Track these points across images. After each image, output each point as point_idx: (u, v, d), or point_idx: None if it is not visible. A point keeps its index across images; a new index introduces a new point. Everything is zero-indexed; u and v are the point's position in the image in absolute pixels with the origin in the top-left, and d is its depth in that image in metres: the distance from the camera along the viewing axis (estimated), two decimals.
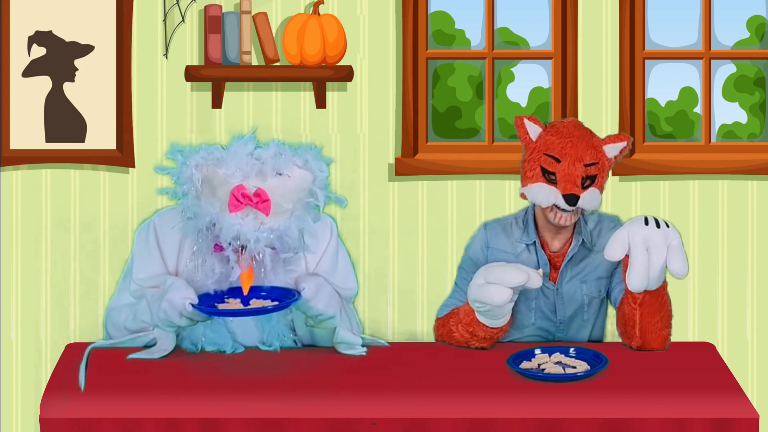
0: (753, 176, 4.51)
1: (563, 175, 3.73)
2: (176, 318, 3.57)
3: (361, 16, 4.47)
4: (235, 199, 3.54)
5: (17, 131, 4.45)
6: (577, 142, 3.75)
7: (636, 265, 3.60)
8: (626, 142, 3.80)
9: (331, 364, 3.62)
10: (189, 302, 3.55)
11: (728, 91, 4.63)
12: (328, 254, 3.84)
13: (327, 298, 3.63)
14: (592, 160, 3.74)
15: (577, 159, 3.73)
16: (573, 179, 3.72)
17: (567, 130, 3.78)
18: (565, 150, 3.74)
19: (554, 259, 3.84)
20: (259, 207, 3.55)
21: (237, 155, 3.58)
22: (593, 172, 3.74)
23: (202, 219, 3.58)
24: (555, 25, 4.53)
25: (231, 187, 3.53)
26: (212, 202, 3.56)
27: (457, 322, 3.74)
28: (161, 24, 4.44)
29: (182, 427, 3.28)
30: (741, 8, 4.58)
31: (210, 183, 3.56)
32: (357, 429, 3.29)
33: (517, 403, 3.34)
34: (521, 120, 3.81)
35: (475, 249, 3.90)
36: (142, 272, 3.77)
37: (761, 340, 4.55)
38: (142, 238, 3.82)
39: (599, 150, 3.77)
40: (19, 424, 4.52)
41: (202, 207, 3.57)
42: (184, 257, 3.77)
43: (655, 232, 3.60)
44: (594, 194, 3.75)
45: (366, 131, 4.50)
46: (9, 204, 4.49)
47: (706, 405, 3.33)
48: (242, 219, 3.54)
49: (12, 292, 4.51)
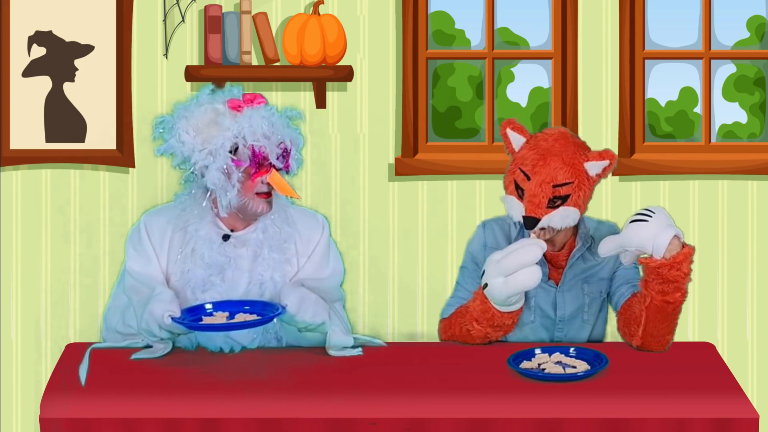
0: (753, 176, 4.51)
1: (529, 195, 3.65)
2: (156, 330, 3.58)
3: (361, 16, 4.47)
4: (232, 106, 3.71)
5: (17, 131, 4.45)
6: (551, 160, 3.65)
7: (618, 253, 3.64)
8: (609, 161, 3.67)
9: (331, 364, 3.62)
10: (168, 315, 3.55)
11: (728, 91, 4.63)
12: (318, 251, 3.85)
13: (312, 307, 3.64)
14: (565, 179, 3.65)
15: (546, 179, 3.64)
16: (537, 200, 3.64)
17: (546, 145, 3.68)
18: (536, 168, 3.65)
19: (555, 259, 3.83)
20: (256, 100, 3.75)
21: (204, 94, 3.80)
22: (565, 192, 3.65)
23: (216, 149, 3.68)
24: (555, 25, 4.53)
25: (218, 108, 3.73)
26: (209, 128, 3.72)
27: (471, 320, 3.72)
28: (161, 24, 4.44)
29: (182, 427, 3.28)
30: (741, 8, 4.58)
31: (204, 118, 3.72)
32: (357, 429, 3.29)
33: (517, 403, 3.34)
34: (504, 130, 3.75)
35: (474, 248, 3.90)
36: (137, 264, 3.78)
37: (761, 340, 4.55)
38: (134, 238, 3.84)
39: (577, 167, 3.66)
40: (19, 424, 4.52)
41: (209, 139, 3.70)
42: (174, 251, 3.78)
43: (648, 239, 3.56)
44: (565, 213, 3.66)
45: (366, 131, 4.50)
46: (9, 204, 4.49)
47: (706, 405, 3.33)
48: (250, 112, 3.71)
49: (12, 292, 4.51)
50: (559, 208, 3.65)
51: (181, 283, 3.74)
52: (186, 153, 3.70)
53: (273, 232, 3.79)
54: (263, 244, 3.77)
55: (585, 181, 3.68)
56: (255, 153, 3.67)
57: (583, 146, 3.73)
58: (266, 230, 3.79)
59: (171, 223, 3.80)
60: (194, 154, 3.70)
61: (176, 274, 3.76)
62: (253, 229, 3.79)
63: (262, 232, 3.78)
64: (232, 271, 3.76)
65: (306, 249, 3.84)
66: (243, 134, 3.67)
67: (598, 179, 3.70)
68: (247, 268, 3.77)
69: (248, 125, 3.67)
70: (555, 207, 3.65)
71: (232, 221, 3.78)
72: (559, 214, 3.66)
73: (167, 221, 3.80)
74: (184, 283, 3.74)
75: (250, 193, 3.71)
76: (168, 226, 3.80)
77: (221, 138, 3.67)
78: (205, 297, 3.72)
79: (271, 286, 3.76)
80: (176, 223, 3.79)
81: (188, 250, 3.75)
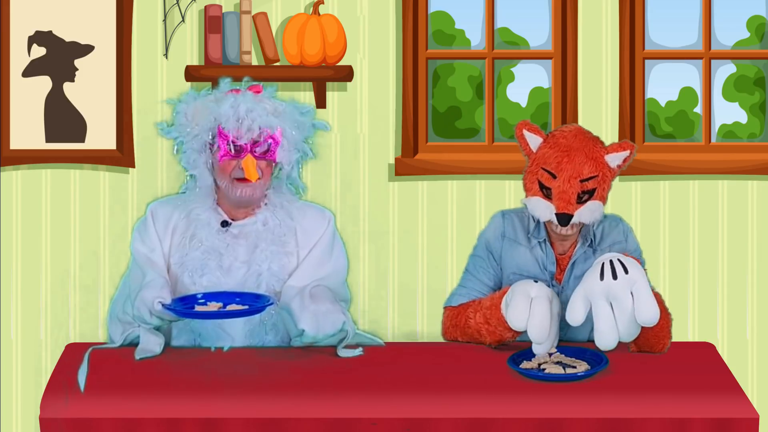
0: (753, 176, 4.51)
1: (558, 192, 3.66)
2: (147, 316, 3.59)
3: (361, 16, 4.47)
4: (231, 91, 3.73)
5: (17, 131, 4.45)
6: (575, 155, 3.66)
7: (601, 325, 3.50)
8: (629, 151, 3.70)
9: (331, 364, 3.62)
10: (159, 301, 3.56)
11: (728, 91, 4.63)
12: (321, 245, 3.84)
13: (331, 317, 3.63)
14: (590, 173, 3.66)
15: (573, 175, 3.65)
16: (567, 197, 3.65)
17: (566, 142, 3.69)
18: (561, 165, 3.66)
19: (560, 260, 3.83)
20: (253, 89, 3.76)
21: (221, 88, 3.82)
22: (591, 186, 3.67)
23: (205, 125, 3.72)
24: (555, 25, 4.53)
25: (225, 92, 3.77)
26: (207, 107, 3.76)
27: (477, 309, 3.71)
28: (161, 24, 4.44)
29: (182, 427, 3.28)
30: (741, 8, 4.58)
31: (205, 106, 3.75)
32: (357, 429, 3.28)
33: (517, 403, 3.34)
34: (521, 131, 3.74)
35: (490, 236, 3.85)
36: (143, 247, 3.79)
37: (761, 340, 4.55)
38: (141, 226, 3.86)
39: (599, 161, 3.68)
40: (19, 424, 4.52)
41: (203, 116, 3.73)
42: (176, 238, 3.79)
43: (613, 284, 3.49)
44: (593, 207, 3.67)
45: (366, 131, 4.50)
46: (9, 204, 4.49)
47: (706, 405, 3.33)
48: (240, 95, 3.72)
49: (12, 292, 4.51)
50: (586, 203, 3.66)
51: (179, 267, 3.75)
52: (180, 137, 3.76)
53: (273, 224, 3.80)
54: (262, 235, 3.78)
55: (607, 173, 3.70)
56: (221, 134, 3.70)
57: (599, 140, 3.75)
58: (266, 222, 3.79)
59: (177, 208, 3.82)
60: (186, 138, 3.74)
61: (175, 257, 3.78)
62: (253, 221, 3.79)
63: (262, 224, 3.79)
64: (230, 259, 3.76)
65: (308, 241, 3.83)
66: (218, 118, 3.70)
67: (618, 170, 3.73)
68: (244, 258, 3.77)
69: (225, 109, 3.71)
70: (583, 202, 3.66)
71: (230, 209, 3.79)
72: (588, 209, 3.67)
73: (173, 207, 3.83)
74: (182, 266, 3.75)
75: (227, 176, 3.72)
76: (174, 212, 3.82)
77: (205, 122, 3.71)
78: (202, 281, 3.73)
79: (268, 277, 3.76)
80: (181, 208, 3.81)
81: (188, 235, 3.76)
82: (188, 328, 3.77)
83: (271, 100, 3.77)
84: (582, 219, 3.67)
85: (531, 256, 3.81)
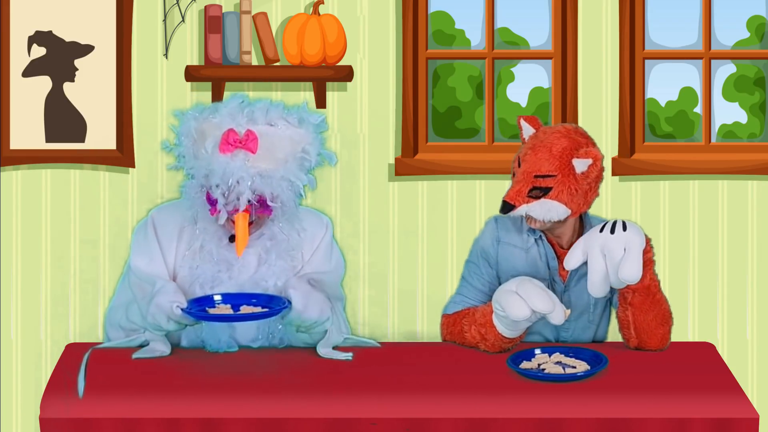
0: (753, 176, 4.51)
1: (513, 181, 3.73)
2: (164, 322, 3.57)
3: (361, 16, 4.47)
4: (225, 141, 3.65)
5: (17, 131, 4.45)
6: (540, 151, 3.70)
7: (592, 272, 3.62)
8: (592, 159, 3.67)
9: (331, 365, 3.62)
10: (177, 306, 3.54)
11: (728, 91, 4.63)
12: (321, 249, 3.85)
13: (319, 305, 3.63)
14: (548, 172, 3.68)
15: (530, 169, 3.69)
16: (518, 187, 3.70)
17: (543, 137, 3.73)
18: (526, 156, 3.72)
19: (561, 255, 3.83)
20: (248, 146, 3.65)
21: (230, 105, 3.73)
22: (545, 184, 3.67)
23: (199, 172, 3.67)
24: (555, 25, 4.53)
25: (222, 131, 3.66)
26: (206, 148, 3.68)
27: (471, 322, 3.73)
28: (161, 24, 4.44)
29: (182, 427, 3.28)
30: (741, 8, 4.58)
31: (205, 133, 3.68)
32: (357, 429, 3.29)
33: (517, 403, 3.34)
34: (519, 120, 3.81)
35: (485, 242, 3.88)
36: (141, 261, 3.78)
37: (761, 340, 4.55)
38: (140, 233, 3.84)
39: (564, 162, 3.68)
40: (19, 424, 4.52)
41: (199, 158, 3.67)
42: (182, 246, 3.78)
43: (610, 238, 3.59)
44: (549, 206, 3.68)
45: (366, 131, 4.50)
46: (9, 204, 4.49)
47: (706, 405, 3.33)
48: (231, 159, 3.63)
49: (12, 292, 4.51)
50: (540, 199, 3.67)
51: (189, 278, 3.74)
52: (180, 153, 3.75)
53: (281, 239, 3.79)
54: (270, 250, 3.77)
55: (571, 177, 3.69)
56: (210, 198, 3.68)
57: (583, 144, 3.72)
58: (274, 237, 3.79)
59: (183, 216, 3.80)
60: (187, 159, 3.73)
61: (184, 269, 3.76)
62: (258, 236, 3.78)
63: (269, 240, 3.78)
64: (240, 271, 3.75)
65: (309, 246, 3.85)
66: (209, 176, 3.66)
67: (588, 178, 3.70)
68: (251, 273, 3.76)
69: (216, 169, 3.65)
70: (535, 198, 3.68)
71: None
72: (541, 205, 3.69)
73: (180, 215, 3.81)
74: (193, 278, 3.74)
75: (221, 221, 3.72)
76: (180, 220, 3.80)
77: (199, 168, 3.70)
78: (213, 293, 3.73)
79: (275, 293, 3.75)
80: (187, 216, 3.80)
81: (197, 246, 3.75)
82: (194, 330, 3.75)
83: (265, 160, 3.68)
84: (531, 213, 3.70)
85: (528, 256, 3.82)
